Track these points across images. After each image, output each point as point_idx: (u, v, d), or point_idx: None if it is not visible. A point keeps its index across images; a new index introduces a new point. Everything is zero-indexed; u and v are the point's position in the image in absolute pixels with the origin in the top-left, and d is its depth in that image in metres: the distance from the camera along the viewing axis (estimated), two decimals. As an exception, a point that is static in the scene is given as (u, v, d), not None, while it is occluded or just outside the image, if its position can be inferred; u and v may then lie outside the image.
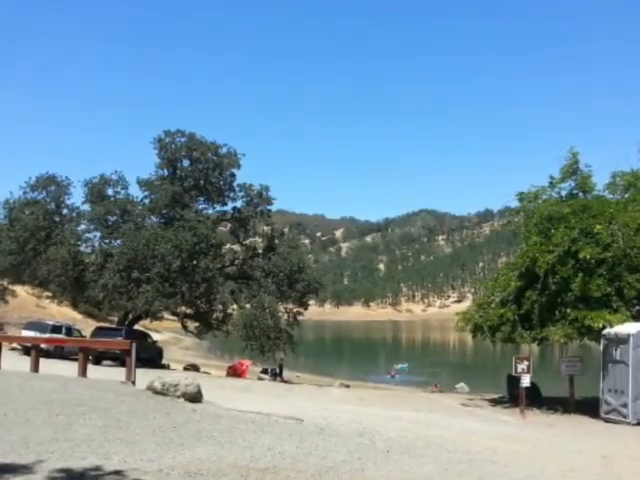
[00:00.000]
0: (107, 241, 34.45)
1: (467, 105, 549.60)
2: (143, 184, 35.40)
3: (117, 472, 5.84)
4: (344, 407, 17.21)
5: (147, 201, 35.46)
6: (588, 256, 17.90)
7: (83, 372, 14.47)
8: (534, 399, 19.76)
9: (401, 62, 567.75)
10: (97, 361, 26.57)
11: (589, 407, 18.02)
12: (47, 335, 28.07)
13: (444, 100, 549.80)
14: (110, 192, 35.22)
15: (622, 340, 16.48)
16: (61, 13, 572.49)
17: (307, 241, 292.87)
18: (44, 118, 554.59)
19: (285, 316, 35.41)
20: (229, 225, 38.53)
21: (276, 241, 37.79)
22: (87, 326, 44.57)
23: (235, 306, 35.65)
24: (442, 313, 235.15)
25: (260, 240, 39.09)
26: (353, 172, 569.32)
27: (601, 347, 17.49)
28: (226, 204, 37.17)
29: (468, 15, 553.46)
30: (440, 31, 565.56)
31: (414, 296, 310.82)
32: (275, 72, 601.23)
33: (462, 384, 36.13)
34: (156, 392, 11.63)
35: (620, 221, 18.49)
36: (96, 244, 34.80)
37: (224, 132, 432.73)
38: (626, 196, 21.08)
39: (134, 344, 14.45)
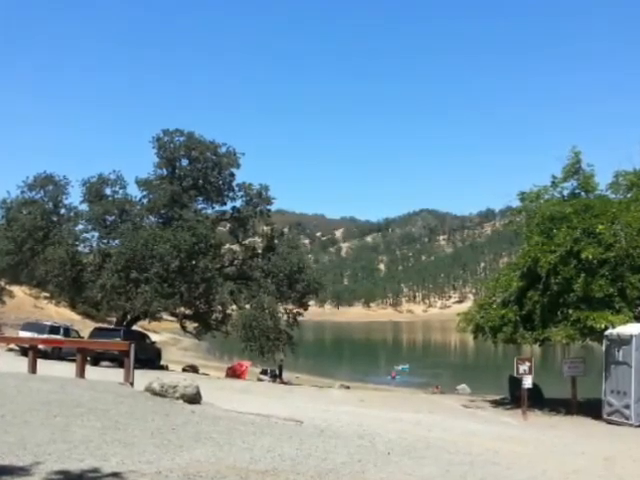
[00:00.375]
0: (105, 241, 34.28)
1: (468, 105, 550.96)
2: (141, 184, 35.26)
3: (115, 474, 5.79)
4: (344, 408, 17.17)
5: (145, 201, 35.32)
6: (590, 256, 17.80)
7: (81, 373, 14.35)
8: (536, 400, 19.67)
9: (401, 62, 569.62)
10: (95, 362, 26.39)
11: (591, 408, 17.95)
12: (45, 336, 27.85)
13: (445, 100, 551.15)
14: (108, 192, 35.10)
15: (625, 341, 16.37)
16: (61, 13, 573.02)
17: (307, 241, 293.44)
18: (43, 118, 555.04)
19: (285, 317, 35.31)
20: (228, 225, 38.41)
21: (276, 241, 37.69)
22: (85, 327, 44.45)
23: (234, 307, 35.55)
24: (443, 314, 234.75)
25: (260, 240, 38.98)
26: (353, 172, 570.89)
27: (603, 348, 17.38)
28: (225, 204, 37.15)
29: (468, 15, 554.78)
30: (440, 31, 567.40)
31: (415, 297, 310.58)
32: (275, 72, 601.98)
33: (463, 385, 36.01)
34: (155, 393, 11.56)
35: (623, 221, 18.39)
36: (94, 244, 34.66)
37: (224, 132, 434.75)
38: (629, 196, 20.99)
39: (132, 345, 14.36)
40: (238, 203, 36.89)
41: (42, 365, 16.48)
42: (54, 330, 31.26)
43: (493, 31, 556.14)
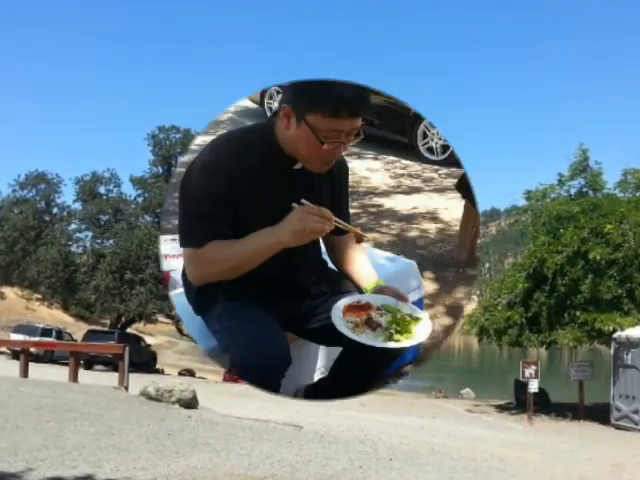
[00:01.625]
0: (99, 241, 33.90)
1: (471, 102, 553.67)
2: (136, 182, 34.87)
3: (110, 481, 5.76)
4: (345, 413, 16.87)
5: (141, 200, 34.92)
6: (598, 257, 17.45)
7: (74, 377, 14.11)
8: (542, 405, 19.39)
9: (401, 58, 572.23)
10: (88, 366, 25.99)
11: (599, 413, 17.66)
12: (37, 339, 27.46)
13: (446, 97, 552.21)
14: (102, 190, 34.61)
15: (634, 344, 16.07)
16: (59, 11, 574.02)
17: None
18: (36, 115, 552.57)
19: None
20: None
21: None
22: (78, 329, 43.93)
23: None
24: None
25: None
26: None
27: (612, 351, 17.10)
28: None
29: (470, 12, 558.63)
30: (441, 28, 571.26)
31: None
32: (274, 69, 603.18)
33: (467, 389, 35.62)
34: (150, 398, 11.35)
35: (631, 220, 18.09)
36: (88, 244, 34.24)
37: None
38: (638, 194, 20.69)
39: (127, 348, 14.31)
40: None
41: (34, 369, 16.14)
42: (46, 333, 30.71)
43: (495, 27, 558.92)
